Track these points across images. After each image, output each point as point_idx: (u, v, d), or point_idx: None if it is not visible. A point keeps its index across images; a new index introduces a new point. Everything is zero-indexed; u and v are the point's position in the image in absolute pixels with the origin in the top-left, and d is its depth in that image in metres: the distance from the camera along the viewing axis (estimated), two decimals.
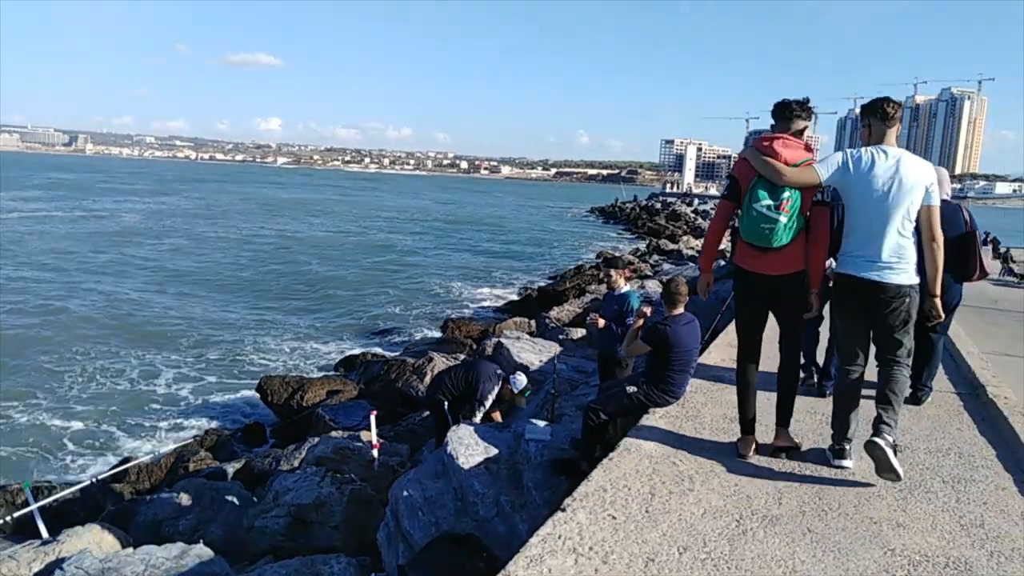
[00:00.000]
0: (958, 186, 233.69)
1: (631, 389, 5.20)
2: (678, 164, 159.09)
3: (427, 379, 10.80)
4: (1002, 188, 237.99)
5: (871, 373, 4.26)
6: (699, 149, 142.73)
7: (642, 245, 41.09)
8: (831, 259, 4.44)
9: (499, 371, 7.40)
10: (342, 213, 70.36)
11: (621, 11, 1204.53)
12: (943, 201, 4.62)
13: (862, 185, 4.01)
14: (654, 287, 17.64)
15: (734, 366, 4.62)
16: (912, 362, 4.39)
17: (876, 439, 3.95)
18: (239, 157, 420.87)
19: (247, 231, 46.04)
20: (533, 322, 16.55)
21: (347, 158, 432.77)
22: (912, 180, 3.98)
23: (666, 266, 27.23)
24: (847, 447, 4.29)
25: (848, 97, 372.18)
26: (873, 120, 4.14)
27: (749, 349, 4.44)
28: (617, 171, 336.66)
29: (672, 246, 38.33)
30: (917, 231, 4.07)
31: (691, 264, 26.36)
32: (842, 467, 4.27)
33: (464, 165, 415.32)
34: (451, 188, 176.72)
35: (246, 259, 33.69)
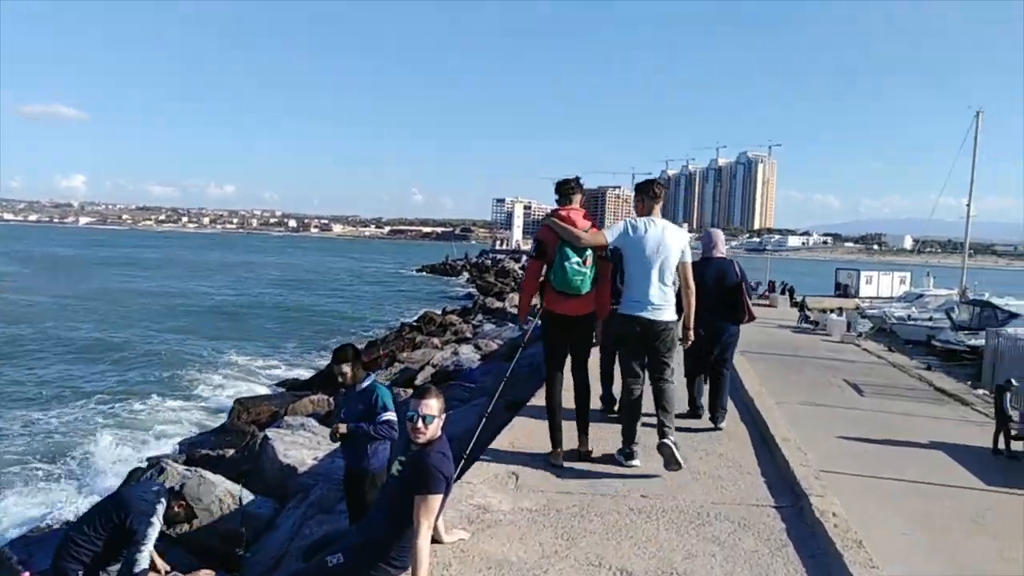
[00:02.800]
0: (758, 240, 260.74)
1: (333, 561, 3.46)
2: (508, 222, 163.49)
3: None
4: (794, 240, 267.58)
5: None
6: (527, 207, 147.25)
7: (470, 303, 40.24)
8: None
9: (156, 487, 5.55)
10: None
11: (454, 70, 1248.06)
12: (719, 258, 6.75)
13: (638, 247, 5.16)
14: (468, 352, 16.39)
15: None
16: (710, 394, 6.66)
17: (664, 440, 5.01)
18: (32, 217, 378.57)
19: None
20: (333, 399, 14.59)
21: (161, 217, 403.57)
22: (672, 243, 5.16)
23: (487, 327, 26.37)
24: (635, 450, 5.37)
25: (661, 160, 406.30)
26: (645, 197, 5.34)
27: (555, 377, 5.39)
28: (451, 228, 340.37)
29: (498, 304, 37.78)
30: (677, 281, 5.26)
31: (511, 324, 25.51)
32: (632, 466, 5.31)
33: (292, 223, 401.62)
34: (272, 249, 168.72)
35: None
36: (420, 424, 3.43)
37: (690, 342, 5.45)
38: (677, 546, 4.01)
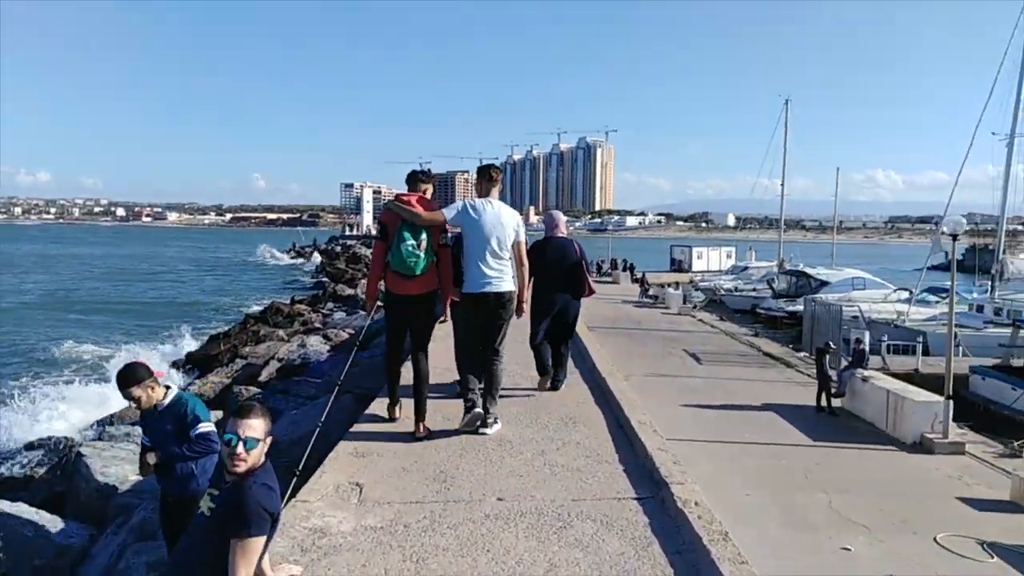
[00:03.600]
0: (599, 220, 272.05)
1: None
2: (357, 207, 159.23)
3: None
4: (631, 221, 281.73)
5: None
6: (377, 192, 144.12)
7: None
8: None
9: None
10: None
11: (300, 56, 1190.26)
12: (560, 237, 7.33)
13: (476, 225, 5.53)
14: (316, 343, 15.60)
15: None
16: (553, 363, 7.15)
17: (484, 430, 5.57)
18: None
19: None
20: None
21: None
22: (507, 222, 5.59)
23: (337, 315, 25.36)
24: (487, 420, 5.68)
25: (506, 145, 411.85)
26: (483, 180, 5.75)
27: (394, 353, 5.81)
28: (298, 214, 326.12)
29: (349, 291, 36.54)
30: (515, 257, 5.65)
31: (362, 312, 24.73)
32: (485, 433, 5.61)
33: (121, 212, 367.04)
34: (102, 240, 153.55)
35: None
36: (240, 449, 2.76)
37: (523, 313, 5.90)
38: (539, 556, 3.67)
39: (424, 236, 5.30)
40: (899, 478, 7.69)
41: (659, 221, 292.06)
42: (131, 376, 4.07)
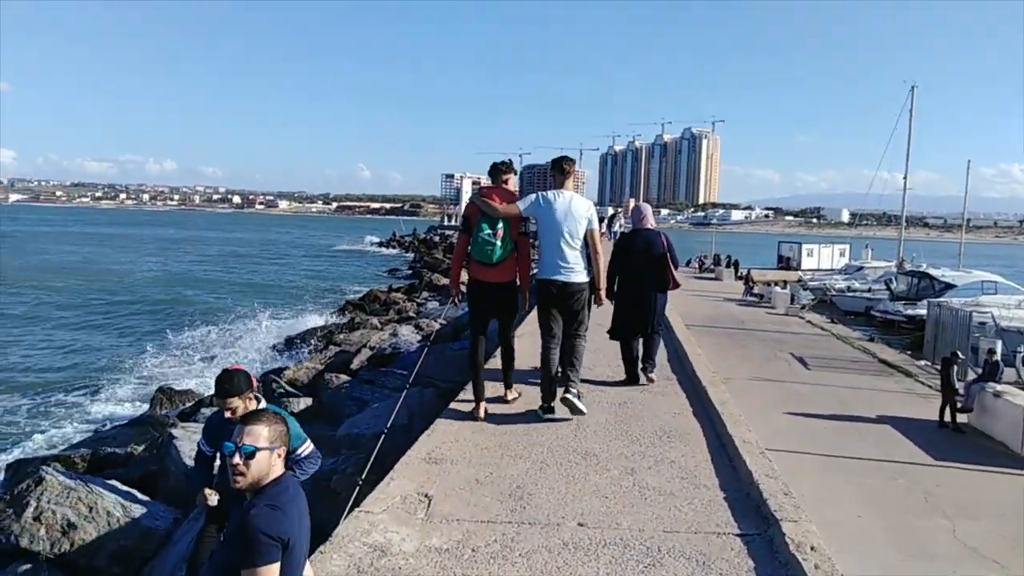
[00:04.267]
0: (703, 214, 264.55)
1: None
2: (457, 197, 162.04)
3: None
4: (737, 215, 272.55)
5: None
6: (475, 182, 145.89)
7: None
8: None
9: None
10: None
11: (402, 46, 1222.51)
12: (647, 229, 7.36)
13: (548, 215, 5.67)
14: (408, 333, 15.67)
15: None
16: (643, 354, 7.15)
17: (566, 395, 5.55)
18: None
19: None
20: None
21: (99, 194, 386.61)
22: (579, 212, 5.67)
23: (431, 304, 25.61)
24: (553, 406, 5.71)
25: (607, 135, 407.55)
26: (556, 173, 5.87)
27: (477, 341, 5.80)
28: (400, 204, 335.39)
29: (444, 280, 36.94)
30: (587, 246, 5.75)
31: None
32: (550, 419, 5.66)
33: (237, 200, 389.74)
34: (224, 225, 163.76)
35: None
36: (236, 459, 2.47)
37: (601, 303, 5.99)
38: None
39: (501, 226, 5.50)
40: None
41: (767, 216, 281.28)
42: (234, 385, 3.75)
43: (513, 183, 6.01)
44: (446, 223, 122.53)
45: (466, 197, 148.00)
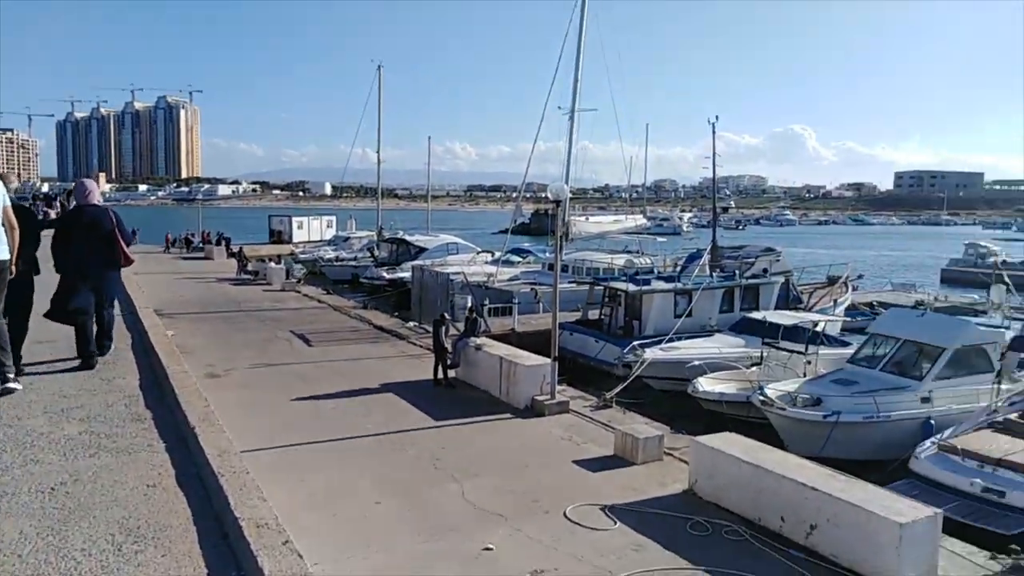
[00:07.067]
0: (186, 189, 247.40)
1: None
2: None
3: None
4: (224, 189, 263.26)
5: None
6: None
7: None
8: None
9: None
10: None
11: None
12: (93, 205, 7.57)
13: None
14: None
15: None
16: (97, 335, 7.60)
17: None
18: None
19: None
20: None
21: None
22: None
23: None
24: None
25: (66, 100, 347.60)
26: None
27: None
28: None
29: None
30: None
31: None
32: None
33: None
34: None
35: None
36: None
37: (13, 274, 6.07)
38: None
39: None
40: (520, 448, 7.66)
41: (254, 190, 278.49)
42: None
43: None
44: None
45: None
